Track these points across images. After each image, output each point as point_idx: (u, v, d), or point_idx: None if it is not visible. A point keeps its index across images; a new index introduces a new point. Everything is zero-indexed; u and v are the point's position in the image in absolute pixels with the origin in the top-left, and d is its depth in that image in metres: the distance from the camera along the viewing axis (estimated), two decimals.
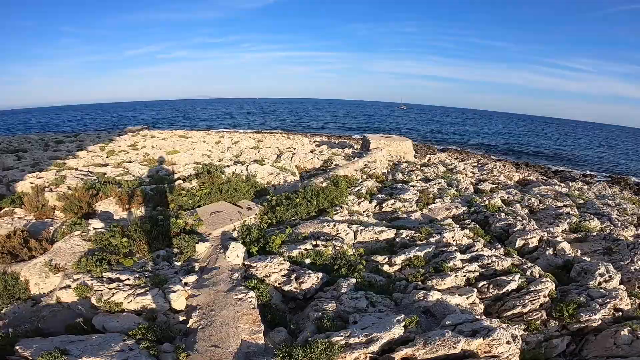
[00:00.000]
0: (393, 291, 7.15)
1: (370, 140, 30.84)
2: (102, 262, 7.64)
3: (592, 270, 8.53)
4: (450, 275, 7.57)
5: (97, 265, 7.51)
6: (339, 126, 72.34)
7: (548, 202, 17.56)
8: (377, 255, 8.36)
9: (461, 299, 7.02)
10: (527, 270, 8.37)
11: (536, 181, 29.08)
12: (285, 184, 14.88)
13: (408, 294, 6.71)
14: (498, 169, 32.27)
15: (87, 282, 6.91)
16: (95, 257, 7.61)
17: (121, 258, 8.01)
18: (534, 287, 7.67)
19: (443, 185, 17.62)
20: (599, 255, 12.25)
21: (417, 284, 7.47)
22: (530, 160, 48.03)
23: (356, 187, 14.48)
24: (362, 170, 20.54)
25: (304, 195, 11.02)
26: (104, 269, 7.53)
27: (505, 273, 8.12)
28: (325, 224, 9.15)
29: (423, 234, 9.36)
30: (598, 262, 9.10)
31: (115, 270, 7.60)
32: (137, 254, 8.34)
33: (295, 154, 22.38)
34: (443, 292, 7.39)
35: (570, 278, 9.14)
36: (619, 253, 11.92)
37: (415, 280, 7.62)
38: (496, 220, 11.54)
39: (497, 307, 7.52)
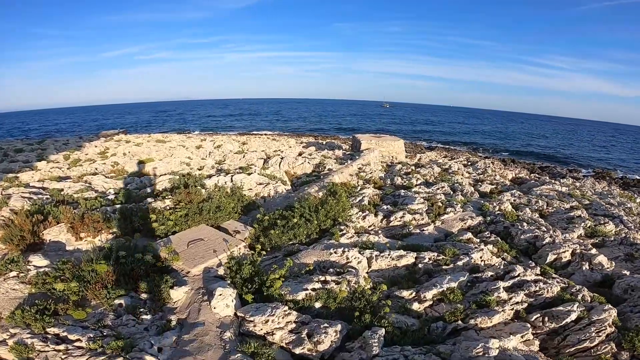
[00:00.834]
0: (431, 337, 5.64)
1: (360, 141, 29.41)
2: (44, 314, 5.74)
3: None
4: (497, 311, 6.08)
5: (37, 319, 5.61)
6: (326, 126, 70.55)
7: (556, 204, 16.57)
8: (400, 288, 6.77)
9: (516, 340, 5.60)
10: (576, 294, 7.03)
11: (530, 179, 28.45)
12: (276, 196, 13.10)
13: (456, 344, 5.18)
14: (492, 168, 31.54)
15: (26, 341, 5.06)
16: (36, 307, 5.73)
17: (71, 308, 6.11)
18: (596, 316, 6.32)
19: (447, 190, 16.31)
20: (621, 262, 11.25)
21: (457, 324, 5.98)
22: (514, 156, 48.13)
23: (356, 197, 12.86)
24: (357, 174, 18.99)
25: (301, 212, 9.30)
26: (48, 322, 5.64)
27: (555, 300, 6.77)
28: (332, 251, 7.47)
29: (448, 256, 7.85)
30: None
31: (63, 324, 5.71)
32: (92, 301, 6.46)
33: (283, 158, 20.57)
34: (488, 329, 5.94)
35: (616, 296, 7.91)
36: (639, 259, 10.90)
37: (454, 319, 6.10)
38: (520, 232, 10.20)
39: (557, 342, 6.14)
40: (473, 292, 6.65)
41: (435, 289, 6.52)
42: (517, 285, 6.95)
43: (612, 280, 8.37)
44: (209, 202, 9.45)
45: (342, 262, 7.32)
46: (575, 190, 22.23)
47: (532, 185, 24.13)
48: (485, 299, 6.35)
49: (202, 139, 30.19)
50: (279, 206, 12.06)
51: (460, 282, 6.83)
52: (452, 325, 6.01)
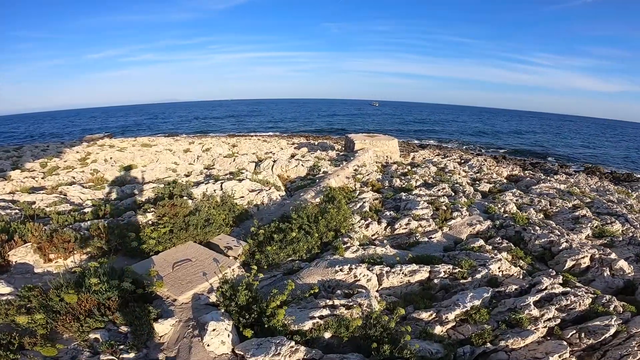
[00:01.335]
0: None
1: (354, 141, 28.71)
2: (9, 350, 4.90)
3: None
4: (531, 331, 5.40)
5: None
6: (317, 126, 69.41)
7: (558, 203, 16.14)
8: (417, 308, 6.01)
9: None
10: (608, 305, 6.41)
11: (525, 176, 28.21)
12: (270, 203, 12.22)
13: None
14: (486, 165, 31.26)
15: None
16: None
17: (39, 343, 5.20)
18: (635, 329, 5.70)
19: (448, 191, 15.70)
20: (632, 263, 10.77)
21: (487, 347, 5.27)
22: (504, 153, 48.28)
23: (356, 202, 12.08)
24: (353, 177, 18.24)
25: (299, 222, 8.46)
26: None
27: (588, 313, 6.12)
28: (338, 269, 6.67)
29: (465, 269, 7.13)
30: None
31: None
32: (64, 334, 5.54)
33: (276, 161, 19.66)
34: (520, 350, 5.26)
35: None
36: None
37: (481, 342, 5.39)
38: (534, 237, 9.59)
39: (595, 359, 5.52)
40: (500, 310, 5.94)
41: (458, 308, 5.78)
42: (545, 299, 6.28)
43: (635, 286, 7.83)
44: (197, 215, 8.52)
45: (349, 281, 6.52)
46: (574, 187, 21.97)
47: (529, 183, 23.82)
48: (516, 317, 5.66)
49: (190, 141, 28.94)
50: (274, 215, 11.20)
51: (484, 299, 6.12)
52: (481, 349, 5.30)
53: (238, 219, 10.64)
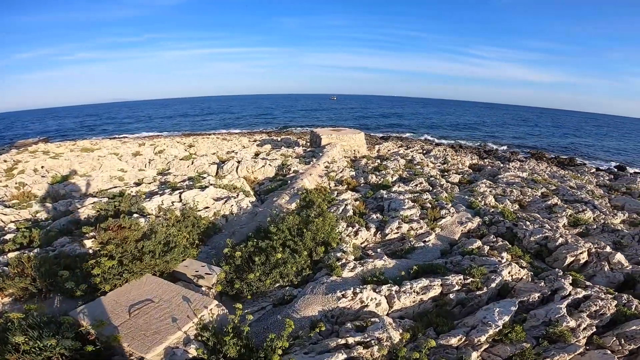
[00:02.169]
0: None
1: (320, 136, 27.64)
2: None
3: None
4: (576, 345, 4.71)
5: None
6: (278, 122, 66.79)
7: (529, 192, 16.39)
8: (442, 333, 5.10)
9: None
10: (630, 305, 5.98)
11: (485, 165, 29.12)
12: (241, 213, 10.71)
13: None
14: (450, 155, 31.86)
15: None
16: None
17: None
18: None
19: (426, 186, 15.23)
20: (584, 241, 10.83)
21: None
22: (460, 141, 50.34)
23: (338, 205, 10.98)
24: (326, 175, 17.17)
25: (281, 238, 7.17)
26: None
27: (617, 316, 5.62)
28: (340, 294, 5.54)
29: (477, 278, 6.37)
30: None
31: None
32: None
33: (240, 162, 17.94)
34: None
35: None
36: (629, 247, 10.61)
37: None
38: (527, 234, 9.19)
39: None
40: (533, 324, 5.27)
41: (490, 328, 4.93)
42: (571, 306, 5.69)
43: (635, 279, 7.62)
44: (153, 238, 6.85)
45: (356, 308, 5.44)
46: (535, 175, 22.88)
47: (491, 172, 24.44)
48: (555, 331, 4.95)
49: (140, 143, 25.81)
50: (247, 227, 9.76)
51: (512, 313, 5.36)
52: None
53: (204, 235, 9.06)
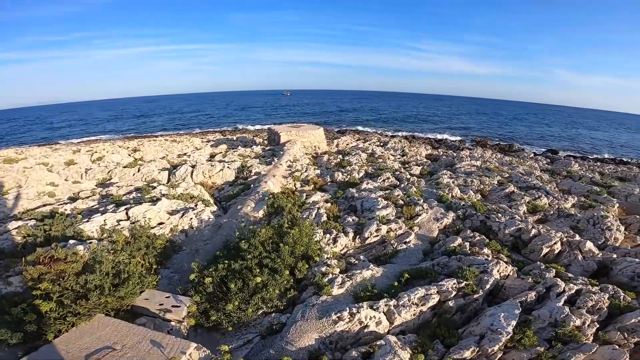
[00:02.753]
0: None
1: (279, 133, 26.64)
2: None
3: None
4: (589, 344, 4.56)
5: None
6: (231, 120, 63.00)
7: (487, 181, 16.99)
8: (448, 344, 4.68)
9: None
10: (617, 296, 6.05)
11: (440, 155, 30.25)
12: (202, 226, 9.51)
13: None
14: (407, 147, 32.61)
15: None
16: None
17: None
18: None
19: (393, 181, 15.08)
20: (564, 232, 11.39)
21: None
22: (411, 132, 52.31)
23: (309, 210, 10.24)
24: (291, 175, 16.33)
25: (255, 256, 6.27)
26: None
27: (611, 308, 5.62)
28: (335, 317, 4.88)
29: (471, 281, 6.06)
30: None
31: None
32: None
33: (195, 166, 16.38)
34: None
35: (623, 284, 7.22)
36: (586, 231, 11.27)
37: None
38: (502, 226, 9.24)
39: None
40: (540, 326, 5.08)
41: (501, 336, 4.58)
42: (568, 302, 5.58)
43: (607, 267, 7.82)
44: (98, 270, 5.58)
45: (355, 330, 4.81)
46: (487, 163, 24.07)
47: (447, 161, 25.33)
48: (564, 331, 4.76)
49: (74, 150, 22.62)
50: (212, 242, 8.66)
51: (518, 317, 5.10)
52: None
53: (162, 257, 7.81)
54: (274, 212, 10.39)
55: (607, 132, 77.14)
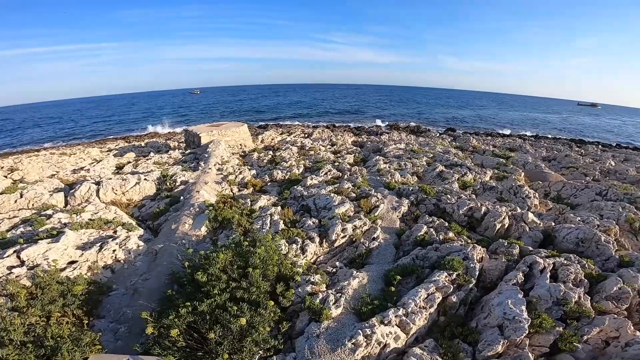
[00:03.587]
0: None
1: (199, 134, 24.19)
2: None
3: (589, 237, 7.63)
4: (599, 318, 4.81)
5: None
6: (133, 124, 53.81)
7: (418, 163, 17.94)
8: (485, 345, 4.46)
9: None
10: (582, 264, 6.54)
11: (364, 141, 31.47)
12: (132, 258, 7.60)
13: None
14: (334, 136, 32.99)
15: None
16: None
17: None
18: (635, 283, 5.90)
19: (336, 173, 14.71)
20: (499, 205, 12.52)
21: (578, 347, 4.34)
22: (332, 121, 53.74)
23: (263, 218, 9.09)
24: (224, 179, 14.70)
25: (223, 288, 5.06)
26: None
27: (588, 278, 6.03)
28: (350, 344, 4.21)
29: (460, 270, 5.88)
30: (582, 226, 8.37)
31: None
32: None
33: (100, 182, 13.47)
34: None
35: (572, 250, 7.84)
36: (510, 201, 12.63)
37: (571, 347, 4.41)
38: (455, 207, 9.53)
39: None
40: (546, 306, 5.11)
41: (522, 323, 4.53)
42: (554, 278, 5.82)
43: (551, 235, 8.45)
44: (7, 339, 3.74)
45: (376, 353, 4.17)
46: (410, 145, 25.69)
47: (373, 147, 26.32)
48: (571, 308, 4.92)
49: None
50: (152, 275, 6.95)
51: (524, 301, 5.08)
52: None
53: (90, 304, 5.89)
54: (220, 227, 8.98)
55: (488, 109, 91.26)
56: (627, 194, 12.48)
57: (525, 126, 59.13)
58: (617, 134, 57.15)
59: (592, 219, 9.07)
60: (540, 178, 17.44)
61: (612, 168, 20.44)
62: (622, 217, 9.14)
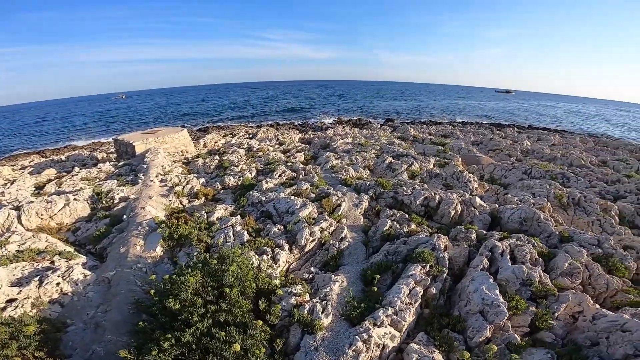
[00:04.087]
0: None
1: (132, 144, 22.13)
2: None
3: (530, 215, 8.53)
4: (563, 295, 5.42)
5: None
6: (50, 137, 46.55)
7: (368, 156, 18.55)
8: (474, 331, 4.82)
9: None
10: (531, 242, 7.27)
11: (312, 138, 31.74)
12: (82, 290, 6.62)
13: None
14: (282, 135, 32.59)
15: None
16: None
17: None
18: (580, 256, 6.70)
19: (291, 174, 14.51)
20: (443, 189, 13.44)
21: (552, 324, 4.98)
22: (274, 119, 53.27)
23: (224, 231, 8.59)
24: (170, 191, 13.64)
25: (202, 313, 4.66)
26: None
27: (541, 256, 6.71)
28: (351, 352, 4.27)
29: (432, 261, 6.19)
30: (522, 206, 9.30)
31: None
32: None
33: (20, 207, 11.62)
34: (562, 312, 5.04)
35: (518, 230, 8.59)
36: (455, 186, 13.74)
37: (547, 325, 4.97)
38: (412, 198, 10.02)
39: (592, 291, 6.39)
40: (516, 288, 5.61)
41: (501, 307, 4.96)
42: (513, 260, 6.39)
43: (496, 216, 9.34)
44: None
45: (377, 355, 4.25)
46: (358, 138, 26.41)
47: (321, 143, 26.60)
48: (537, 287, 5.51)
49: None
50: (111, 306, 6.19)
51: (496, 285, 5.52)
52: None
53: (49, 344, 5.00)
54: (177, 245, 8.31)
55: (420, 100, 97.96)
56: (547, 171, 14.39)
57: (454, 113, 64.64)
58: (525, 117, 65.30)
59: (527, 198, 10.26)
60: (474, 162, 19.23)
61: (529, 148, 23.35)
62: (551, 194, 10.50)
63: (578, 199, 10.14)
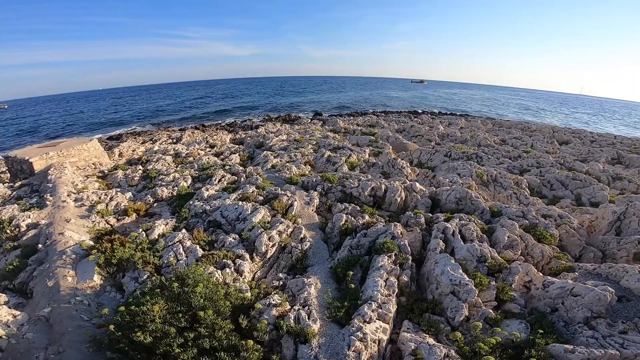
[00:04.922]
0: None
1: (28, 159, 18.78)
2: None
3: (464, 195, 9.56)
4: (513, 268, 6.12)
5: None
6: None
7: (305, 152, 18.65)
8: (454, 311, 5.22)
9: None
10: (469, 219, 8.06)
11: (243, 137, 30.72)
12: (18, 332, 5.32)
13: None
14: (211, 137, 30.78)
15: None
16: None
17: None
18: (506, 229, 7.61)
19: (231, 178, 13.80)
20: (381, 177, 14.31)
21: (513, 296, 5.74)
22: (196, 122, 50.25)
23: (172, 248, 7.80)
24: (91, 211, 11.92)
25: (180, 343, 4.19)
26: None
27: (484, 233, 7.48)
28: (352, 352, 4.28)
29: (395, 250, 6.52)
30: (455, 187, 10.29)
31: None
32: None
33: None
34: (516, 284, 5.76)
35: (455, 210, 9.54)
36: (392, 175, 14.73)
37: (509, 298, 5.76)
38: (360, 190, 10.36)
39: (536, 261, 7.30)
40: (474, 265, 6.14)
41: (469, 285, 5.43)
42: (463, 239, 7.02)
43: (436, 199, 10.25)
44: None
45: (375, 350, 4.28)
46: (292, 135, 26.30)
47: (255, 142, 25.91)
48: (491, 263, 6.10)
49: None
50: (67, 348, 5.19)
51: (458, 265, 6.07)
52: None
53: None
54: (118, 270, 7.31)
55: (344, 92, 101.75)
56: (464, 152, 16.33)
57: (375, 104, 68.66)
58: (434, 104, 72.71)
59: (456, 179, 11.50)
60: (402, 148, 20.81)
61: (444, 132, 26.11)
62: (473, 173, 11.94)
63: (495, 176, 11.76)
